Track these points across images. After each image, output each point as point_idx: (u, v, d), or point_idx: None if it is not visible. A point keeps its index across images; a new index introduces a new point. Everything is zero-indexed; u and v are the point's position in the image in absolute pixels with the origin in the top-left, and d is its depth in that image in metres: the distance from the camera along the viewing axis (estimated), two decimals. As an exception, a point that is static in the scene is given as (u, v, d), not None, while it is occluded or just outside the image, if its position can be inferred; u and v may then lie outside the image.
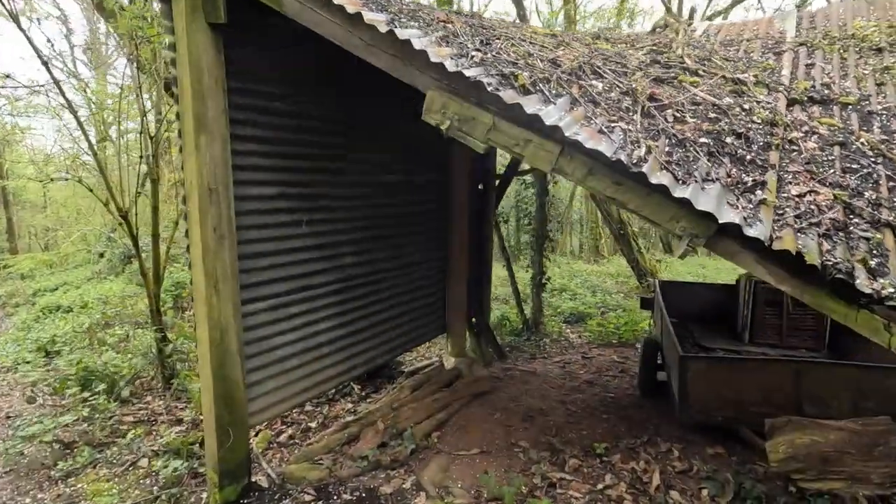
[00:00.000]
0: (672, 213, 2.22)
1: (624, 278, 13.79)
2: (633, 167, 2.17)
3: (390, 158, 4.84)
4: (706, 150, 2.49)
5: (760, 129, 2.79)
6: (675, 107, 2.76)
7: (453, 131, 2.55)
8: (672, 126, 2.60)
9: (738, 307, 6.10)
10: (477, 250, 6.52)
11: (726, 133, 2.64)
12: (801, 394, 3.90)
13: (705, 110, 2.85)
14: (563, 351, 7.56)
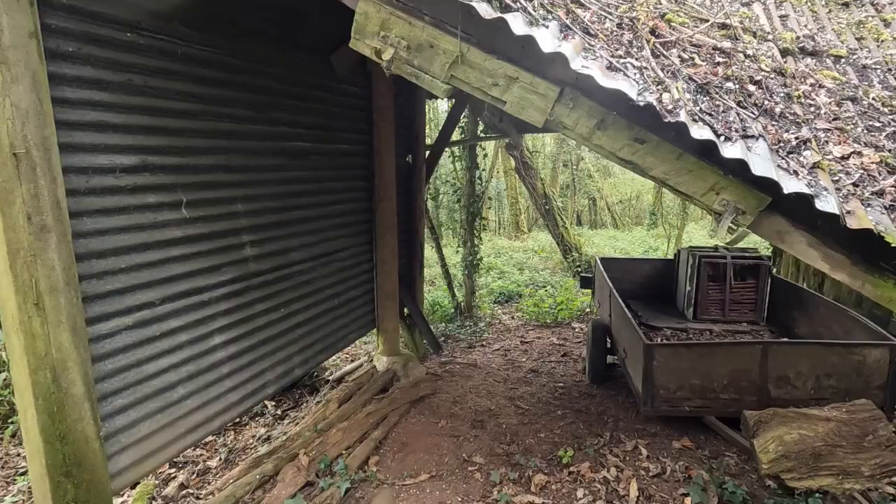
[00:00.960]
0: (711, 183, 1.61)
1: (548, 254, 13.77)
2: (668, 116, 1.51)
3: (303, 120, 3.85)
4: (733, 98, 1.90)
5: (773, 78, 2.29)
6: (681, 45, 2.16)
7: (400, 65, 1.73)
8: (686, 68, 1.99)
9: (676, 282, 5.95)
10: (407, 231, 5.73)
11: (744, 80, 2.09)
12: (768, 376, 3.66)
13: (709, 53, 2.28)
14: (499, 336, 7.08)
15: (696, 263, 5.25)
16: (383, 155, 4.74)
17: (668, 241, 13.69)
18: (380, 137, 4.70)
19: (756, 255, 5.17)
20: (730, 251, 5.33)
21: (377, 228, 4.91)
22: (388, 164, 4.80)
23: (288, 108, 3.71)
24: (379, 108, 4.65)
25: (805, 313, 4.76)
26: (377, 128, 4.68)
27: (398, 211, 5.09)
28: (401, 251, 5.42)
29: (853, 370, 3.58)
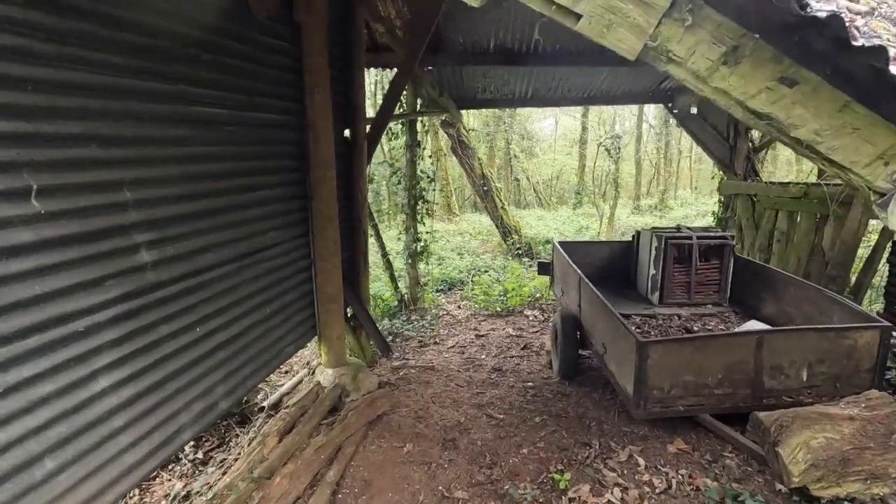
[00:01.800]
0: (884, 147, 1.06)
1: (485, 237, 13.40)
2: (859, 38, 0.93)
3: (211, 78, 2.92)
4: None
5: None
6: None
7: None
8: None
9: (637, 265, 5.69)
10: (349, 220, 4.92)
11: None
12: (762, 367, 3.39)
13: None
14: (451, 330, 6.50)
15: (662, 245, 4.97)
16: (319, 128, 3.88)
17: (599, 221, 13.89)
18: (314, 106, 3.83)
19: (720, 234, 4.99)
20: (694, 231, 5.11)
21: (314, 218, 4.06)
22: (325, 139, 3.95)
23: (190, 59, 2.76)
24: (311, 69, 3.77)
25: (772, 293, 4.64)
26: (310, 94, 3.80)
27: (338, 197, 4.26)
28: (343, 244, 4.61)
29: (844, 355, 3.40)
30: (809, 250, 5.55)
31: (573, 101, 8.44)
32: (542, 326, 6.44)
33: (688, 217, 15.32)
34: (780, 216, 5.96)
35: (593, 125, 24.69)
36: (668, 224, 16.03)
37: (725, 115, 6.96)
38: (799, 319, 4.29)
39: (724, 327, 4.64)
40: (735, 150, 6.83)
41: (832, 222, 5.22)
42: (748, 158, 6.72)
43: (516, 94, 8.04)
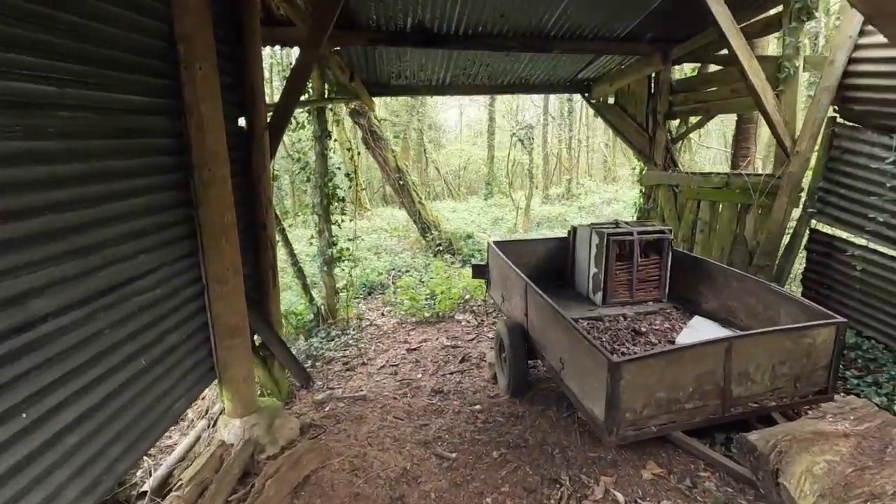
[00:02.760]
0: None
1: (402, 233, 12.72)
2: None
3: (32, 38, 1.94)
4: None
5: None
6: None
7: None
8: None
9: (574, 263, 5.41)
10: (250, 229, 4.00)
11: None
12: (731, 375, 3.16)
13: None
14: (378, 345, 5.80)
15: (605, 243, 4.69)
16: (204, 115, 2.96)
17: (515, 212, 13.84)
18: (194, 86, 2.90)
19: (658, 228, 4.83)
20: (634, 226, 4.90)
21: (204, 231, 3.13)
22: (214, 129, 3.04)
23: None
24: (187, 35, 2.84)
25: (711, 286, 4.56)
26: (188, 69, 2.87)
27: (236, 201, 3.37)
28: (245, 259, 3.72)
29: (804, 354, 3.29)
30: (732, 239, 5.64)
31: (493, 89, 8.03)
32: (478, 333, 5.97)
33: (595, 205, 15.88)
34: (703, 206, 6.03)
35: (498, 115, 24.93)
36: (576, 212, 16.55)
37: (644, 104, 6.95)
38: (742, 313, 4.22)
39: (669, 325, 4.47)
40: (654, 140, 6.85)
41: (754, 212, 5.30)
42: (667, 149, 6.77)
43: (434, 80, 7.43)
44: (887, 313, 4.16)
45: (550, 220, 13.76)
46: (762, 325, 4.02)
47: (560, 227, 13.17)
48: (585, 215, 14.21)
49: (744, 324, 4.20)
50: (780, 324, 3.83)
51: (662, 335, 4.28)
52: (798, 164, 4.59)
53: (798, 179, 4.65)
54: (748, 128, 6.61)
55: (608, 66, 7.19)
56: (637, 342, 4.15)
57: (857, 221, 4.37)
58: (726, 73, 5.76)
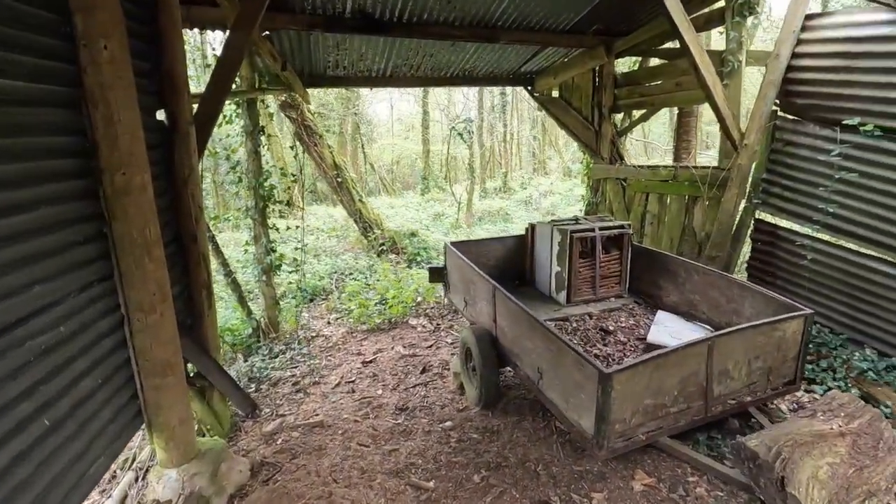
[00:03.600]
0: None
1: (341, 233, 12.09)
2: None
3: None
4: None
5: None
6: None
7: None
8: None
9: (533, 261, 5.24)
10: (177, 242, 3.41)
11: None
12: (712, 374, 3.10)
13: None
14: (330, 359, 5.33)
15: (567, 240, 4.54)
16: (113, 106, 2.39)
17: (457, 207, 13.64)
18: (97, 68, 2.32)
19: (618, 223, 4.76)
20: (594, 222, 4.80)
21: (120, 250, 2.56)
22: (128, 123, 2.47)
23: None
24: (86, 5, 2.25)
25: (672, 280, 4.56)
26: (89, 47, 2.28)
27: (159, 210, 2.80)
28: (173, 279, 3.14)
29: (775, 347, 3.30)
30: (681, 231, 5.74)
31: (436, 81, 7.68)
32: (436, 338, 5.67)
33: (533, 198, 16.08)
34: (651, 199, 6.10)
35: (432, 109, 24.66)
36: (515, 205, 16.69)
37: (589, 98, 6.93)
38: (704, 307, 4.24)
39: (634, 321, 4.42)
40: (600, 133, 6.86)
41: (702, 204, 5.41)
42: (613, 142, 6.81)
43: (374, 71, 6.96)
44: (833, 299, 4.35)
45: (492, 215, 13.71)
46: (725, 318, 4.06)
47: (502, 221, 13.17)
48: (526, 209, 14.32)
49: (706, 317, 4.22)
50: (743, 316, 3.87)
51: (630, 333, 4.21)
52: (746, 156, 4.69)
53: (747, 172, 4.76)
54: (689, 121, 6.80)
55: (552, 59, 7.10)
56: (607, 342, 4.04)
57: (800, 211, 4.53)
58: (670, 67, 5.83)
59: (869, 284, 4.03)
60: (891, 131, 3.72)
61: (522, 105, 26.07)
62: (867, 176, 3.92)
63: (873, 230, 3.95)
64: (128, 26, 2.52)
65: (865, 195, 3.97)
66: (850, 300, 4.21)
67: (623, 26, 6.14)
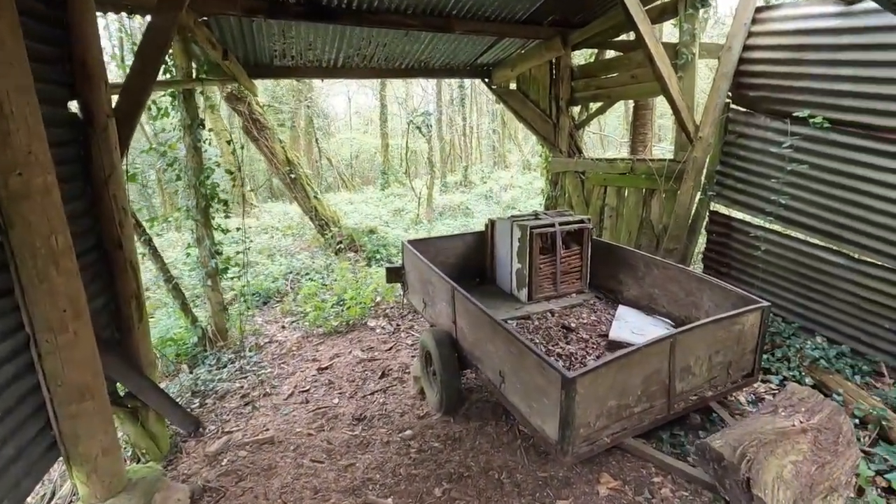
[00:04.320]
0: None
1: (297, 231, 11.64)
2: None
3: None
4: None
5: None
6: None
7: None
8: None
9: (493, 258, 5.11)
10: (96, 249, 3.05)
11: None
12: (675, 371, 3.05)
13: None
14: (282, 367, 5.03)
15: (528, 236, 4.43)
16: (1, 96, 2.05)
17: (417, 202, 13.40)
18: (-17, 54, 1.97)
19: (578, 217, 4.69)
20: (554, 217, 4.71)
21: (20, 262, 2.22)
22: (23, 117, 2.13)
23: None
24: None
25: (632, 274, 4.53)
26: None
27: (74, 214, 2.47)
28: (95, 290, 2.81)
29: (735, 340, 3.30)
30: (639, 224, 5.75)
31: (390, 72, 7.41)
32: (396, 340, 5.46)
33: (493, 192, 16.04)
34: (609, 192, 6.09)
35: (390, 102, 24.24)
36: (476, 200, 16.59)
37: (547, 90, 6.85)
38: (664, 301, 4.23)
39: (595, 317, 4.36)
40: (558, 126, 6.80)
41: (659, 196, 5.43)
42: (571, 135, 6.76)
43: (324, 61, 6.63)
44: (785, 288, 4.43)
45: (453, 210, 13.56)
46: (685, 312, 4.06)
47: (463, 216, 13.04)
48: (487, 203, 14.25)
49: (666, 311, 4.21)
50: (702, 309, 3.86)
51: (592, 329, 4.15)
52: (701, 149, 4.71)
53: (702, 164, 4.78)
54: (644, 114, 6.83)
55: (509, 51, 6.98)
56: (570, 340, 3.96)
57: (753, 203, 4.59)
58: (626, 60, 5.81)
59: (819, 274, 4.12)
60: (839, 123, 3.79)
61: (482, 98, 26.03)
62: (817, 168, 3.98)
63: (823, 221, 4.03)
64: (30, 7, 2.18)
65: (815, 186, 4.04)
66: (801, 289, 4.29)
67: (579, 17, 6.07)
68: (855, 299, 3.89)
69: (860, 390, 3.50)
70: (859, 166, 3.72)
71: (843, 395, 3.48)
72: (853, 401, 3.40)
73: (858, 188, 3.76)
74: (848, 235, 3.85)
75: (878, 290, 3.75)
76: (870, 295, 3.79)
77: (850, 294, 3.91)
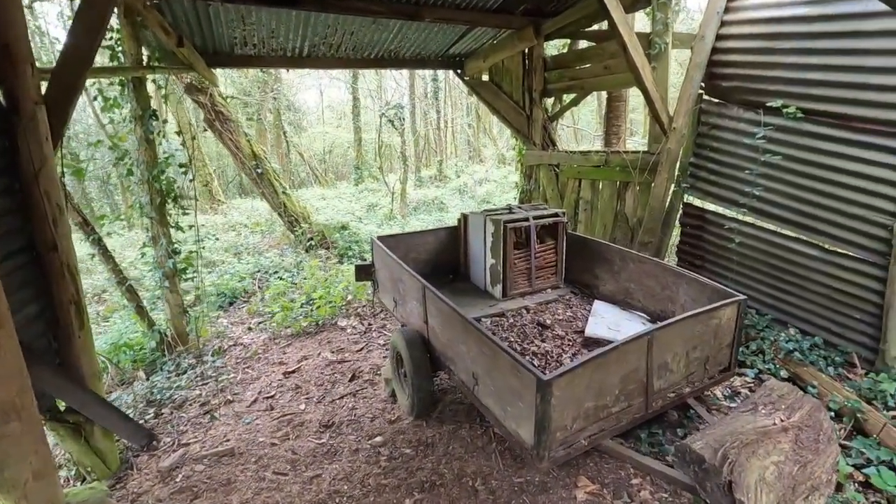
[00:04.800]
0: None
1: (266, 227, 11.27)
2: None
3: None
4: None
5: None
6: None
7: None
8: None
9: (467, 254, 4.96)
10: (25, 252, 2.76)
11: None
12: (652, 369, 2.95)
13: None
14: (247, 372, 4.78)
15: (501, 231, 4.29)
16: None
17: (390, 198, 13.14)
18: None
19: (552, 211, 4.57)
20: (528, 211, 4.58)
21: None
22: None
23: None
24: None
25: (607, 268, 4.44)
26: None
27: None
28: (25, 297, 2.53)
29: (712, 335, 3.22)
30: (613, 217, 5.68)
31: (359, 62, 7.15)
32: (367, 340, 5.27)
33: (468, 186, 15.90)
34: (584, 185, 6.00)
35: (363, 96, 23.83)
36: (451, 194, 16.42)
37: (520, 82, 6.72)
38: (640, 295, 4.15)
39: (571, 313, 4.26)
40: (532, 118, 6.67)
41: (633, 189, 5.36)
42: (545, 127, 6.65)
43: (289, 50, 6.34)
44: (758, 280, 4.41)
45: (427, 204, 13.37)
46: (660, 306, 3.99)
47: (438, 210, 12.87)
48: (462, 197, 14.11)
49: (641, 305, 4.14)
50: (678, 303, 3.80)
51: (568, 326, 4.04)
52: (675, 140, 4.64)
53: (676, 156, 4.72)
54: (618, 105, 6.77)
55: (481, 41, 6.80)
56: (545, 337, 3.84)
57: (726, 195, 4.55)
58: (599, 50, 5.71)
59: (791, 265, 4.10)
60: (812, 113, 3.75)
61: (455, 92, 25.84)
62: (790, 158, 3.95)
63: (795, 212, 4.00)
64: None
65: (788, 178, 4.00)
66: (775, 281, 4.28)
67: (552, 6, 5.94)
68: (827, 290, 3.88)
69: (834, 382, 3.48)
70: (832, 157, 3.70)
71: (818, 387, 3.46)
72: (828, 393, 3.38)
73: (831, 179, 3.74)
74: (821, 227, 3.83)
75: (849, 282, 3.74)
76: (841, 286, 3.78)
77: (823, 285, 3.90)
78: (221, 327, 6.12)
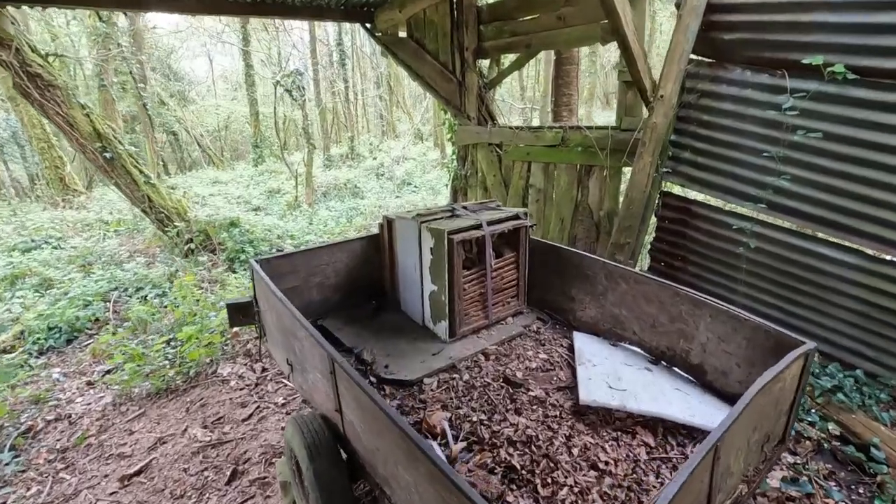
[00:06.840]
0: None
1: (132, 227, 8.96)
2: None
3: None
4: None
5: None
6: None
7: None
8: None
9: (393, 274, 3.58)
10: None
11: None
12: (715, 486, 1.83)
13: None
14: (60, 476, 3.08)
15: (445, 246, 2.94)
16: None
17: (295, 183, 11.21)
18: None
19: (512, 213, 3.31)
20: (477, 212, 3.28)
21: None
22: None
23: None
24: None
25: (587, 288, 3.28)
26: None
27: None
28: None
29: (773, 405, 2.17)
30: (573, 209, 4.57)
31: (232, 6, 5.29)
32: (259, 397, 3.75)
33: (385, 165, 14.31)
34: (534, 169, 4.81)
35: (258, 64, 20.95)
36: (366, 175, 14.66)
37: (448, 38, 5.31)
38: (635, 325, 3.04)
39: (545, 355, 3.07)
40: (464, 86, 5.33)
41: (598, 174, 4.26)
42: (480, 97, 5.34)
43: (118, -19, 4.39)
44: (771, 293, 3.51)
45: (339, 189, 11.65)
46: (666, 341, 2.91)
47: (351, 196, 11.21)
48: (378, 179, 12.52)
49: (637, 338, 3.04)
50: (696, 341, 2.72)
51: (546, 379, 2.85)
52: (662, 112, 3.55)
53: (662, 132, 3.63)
54: (569, 69, 5.60)
55: (396, -17, 5.28)
56: (519, 405, 2.61)
57: (725, 184, 3.57)
58: (550, -5, 4.45)
59: (817, 275, 3.20)
60: (867, 73, 2.77)
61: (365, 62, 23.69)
62: (829, 137, 2.97)
63: (829, 208, 3.07)
64: None
65: (821, 163, 3.05)
66: (793, 294, 3.39)
67: (487, -64, 4.57)
68: (865, 307, 3.03)
69: (895, 435, 2.63)
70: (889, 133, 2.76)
71: (882, 446, 2.57)
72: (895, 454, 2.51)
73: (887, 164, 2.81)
74: (865, 227, 2.92)
75: (895, 296, 2.90)
76: (886, 302, 2.94)
77: (860, 301, 3.04)
78: (46, 384, 4.25)
